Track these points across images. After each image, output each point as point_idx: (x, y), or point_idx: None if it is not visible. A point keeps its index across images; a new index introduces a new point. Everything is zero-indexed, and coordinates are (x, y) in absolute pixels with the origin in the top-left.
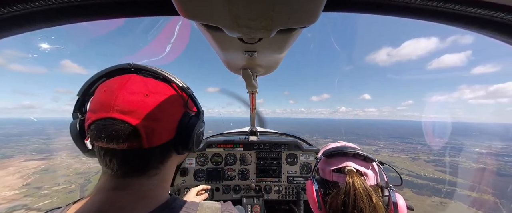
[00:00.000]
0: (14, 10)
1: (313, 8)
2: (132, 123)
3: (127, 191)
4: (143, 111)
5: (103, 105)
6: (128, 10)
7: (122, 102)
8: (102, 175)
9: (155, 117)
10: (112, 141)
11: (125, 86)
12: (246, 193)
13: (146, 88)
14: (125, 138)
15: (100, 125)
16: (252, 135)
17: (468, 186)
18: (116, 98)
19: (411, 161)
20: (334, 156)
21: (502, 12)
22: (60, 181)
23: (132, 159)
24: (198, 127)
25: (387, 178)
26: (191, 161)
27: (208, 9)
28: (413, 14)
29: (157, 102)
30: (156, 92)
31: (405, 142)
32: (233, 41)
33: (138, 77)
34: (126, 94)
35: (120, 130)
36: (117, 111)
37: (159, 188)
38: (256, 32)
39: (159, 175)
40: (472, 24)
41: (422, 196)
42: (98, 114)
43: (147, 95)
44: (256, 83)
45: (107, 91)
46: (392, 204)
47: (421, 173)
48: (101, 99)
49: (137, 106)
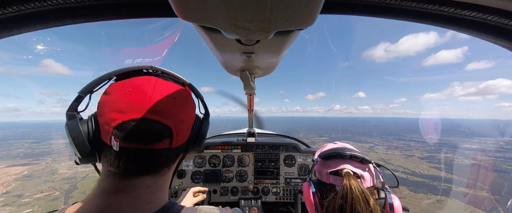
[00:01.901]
0: (9, 11)
1: (311, 10)
2: (167, 124)
3: (131, 193)
4: (173, 113)
5: (135, 105)
6: (126, 11)
7: (156, 103)
8: (105, 179)
9: (182, 118)
10: (143, 141)
11: (155, 88)
12: (244, 195)
13: (172, 91)
14: (159, 138)
15: (132, 126)
16: (250, 136)
17: (464, 183)
18: (150, 100)
19: (406, 158)
20: (331, 158)
21: (495, 15)
22: (43, 187)
23: (158, 158)
24: (206, 129)
25: (383, 179)
26: (188, 163)
27: (205, 11)
28: (408, 16)
29: (182, 105)
30: (180, 95)
31: (399, 139)
32: (231, 42)
33: (162, 80)
34: (158, 96)
35: (155, 130)
36: (151, 112)
37: (162, 190)
38: (253, 34)
39: (167, 175)
40: (466, 27)
41: (419, 194)
42: (129, 114)
43: (175, 98)
44: (254, 85)
45: (133, 92)
46: (388, 205)
47: (416, 170)
48: (129, 99)
49: (169, 108)
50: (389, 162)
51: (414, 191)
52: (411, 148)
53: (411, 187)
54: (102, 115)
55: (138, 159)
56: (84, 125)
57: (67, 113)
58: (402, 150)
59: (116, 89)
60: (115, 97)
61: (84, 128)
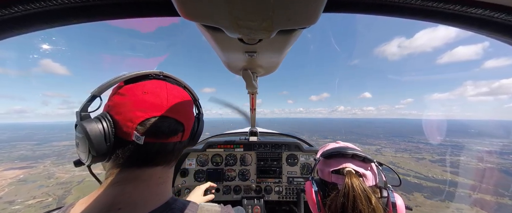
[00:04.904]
0: (15, 11)
1: (314, 9)
2: (181, 121)
3: (145, 182)
4: (184, 111)
5: (155, 105)
6: (129, 11)
7: (172, 103)
8: (118, 170)
9: (189, 116)
10: (164, 135)
11: (168, 90)
12: (246, 194)
13: (180, 93)
14: (175, 133)
15: (153, 122)
16: (252, 135)
17: (482, 189)
18: (167, 100)
19: (416, 161)
20: (333, 157)
21: (503, 12)
22: (37, 193)
23: (173, 150)
24: (202, 127)
25: (386, 178)
26: (191, 161)
27: (208, 10)
28: (413, 14)
29: (188, 105)
30: (186, 97)
31: (407, 141)
32: (233, 41)
33: (170, 84)
34: (173, 98)
35: (172, 126)
36: (169, 111)
37: (168, 183)
38: (256, 33)
39: (172, 168)
40: (472, 25)
41: (434, 201)
42: (151, 113)
43: (183, 99)
44: (256, 84)
45: (150, 93)
46: (390, 204)
47: (428, 175)
48: (149, 100)
49: (181, 107)
50: (399, 165)
51: (429, 198)
52: (420, 150)
53: (426, 193)
54: (121, 114)
55: (157, 151)
56: (99, 124)
57: (79, 112)
58: (411, 152)
59: (132, 91)
60: (133, 97)
61: (100, 126)
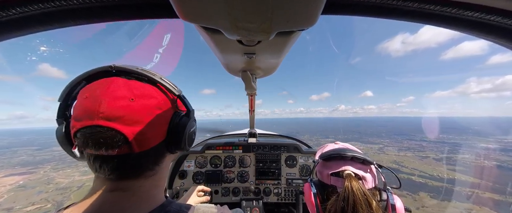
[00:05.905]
0: (14, 12)
1: (312, 10)
2: (120, 130)
3: (126, 193)
4: (130, 117)
5: (87, 112)
6: (127, 12)
7: (107, 108)
8: (96, 179)
9: (144, 121)
10: (101, 149)
11: (107, 91)
12: (245, 196)
13: (130, 92)
14: (115, 145)
15: (86, 133)
16: (251, 137)
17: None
18: (100, 105)
19: (420, 159)
20: (332, 159)
21: (498, 15)
22: (36, 199)
23: (125, 164)
24: (189, 126)
25: (385, 179)
26: (190, 163)
27: (207, 12)
28: (411, 17)
29: (144, 105)
30: (142, 95)
31: (409, 139)
32: (232, 43)
33: (121, 80)
34: (110, 100)
35: (108, 137)
36: (102, 118)
37: (156, 188)
38: (255, 35)
39: (155, 175)
40: (469, 27)
41: (441, 201)
42: (83, 122)
43: (132, 99)
44: (255, 85)
45: (89, 97)
46: (390, 206)
47: (434, 174)
48: (84, 105)
49: (123, 112)
50: (402, 164)
51: (435, 198)
52: (424, 149)
53: (432, 193)
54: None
55: (109, 165)
56: (62, 129)
57: (56, 119)
58: (414, 151)
59: (80, 94)
60: (77, 103)
61: (62, 133)
